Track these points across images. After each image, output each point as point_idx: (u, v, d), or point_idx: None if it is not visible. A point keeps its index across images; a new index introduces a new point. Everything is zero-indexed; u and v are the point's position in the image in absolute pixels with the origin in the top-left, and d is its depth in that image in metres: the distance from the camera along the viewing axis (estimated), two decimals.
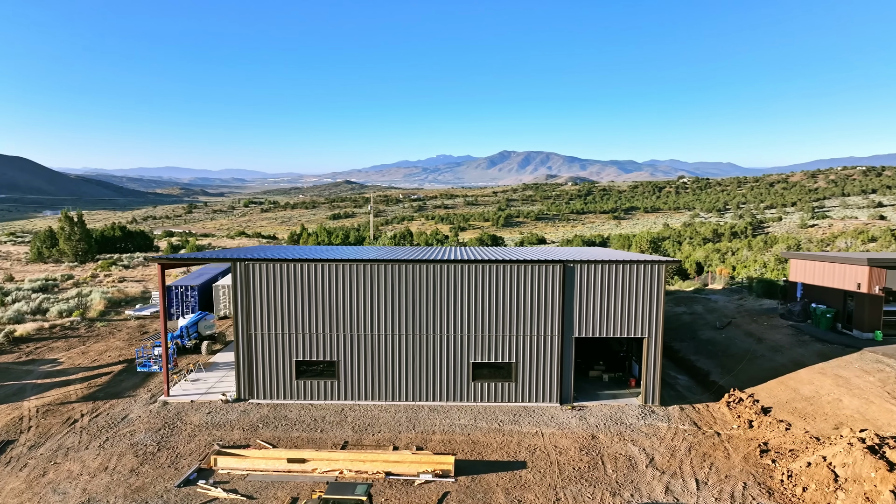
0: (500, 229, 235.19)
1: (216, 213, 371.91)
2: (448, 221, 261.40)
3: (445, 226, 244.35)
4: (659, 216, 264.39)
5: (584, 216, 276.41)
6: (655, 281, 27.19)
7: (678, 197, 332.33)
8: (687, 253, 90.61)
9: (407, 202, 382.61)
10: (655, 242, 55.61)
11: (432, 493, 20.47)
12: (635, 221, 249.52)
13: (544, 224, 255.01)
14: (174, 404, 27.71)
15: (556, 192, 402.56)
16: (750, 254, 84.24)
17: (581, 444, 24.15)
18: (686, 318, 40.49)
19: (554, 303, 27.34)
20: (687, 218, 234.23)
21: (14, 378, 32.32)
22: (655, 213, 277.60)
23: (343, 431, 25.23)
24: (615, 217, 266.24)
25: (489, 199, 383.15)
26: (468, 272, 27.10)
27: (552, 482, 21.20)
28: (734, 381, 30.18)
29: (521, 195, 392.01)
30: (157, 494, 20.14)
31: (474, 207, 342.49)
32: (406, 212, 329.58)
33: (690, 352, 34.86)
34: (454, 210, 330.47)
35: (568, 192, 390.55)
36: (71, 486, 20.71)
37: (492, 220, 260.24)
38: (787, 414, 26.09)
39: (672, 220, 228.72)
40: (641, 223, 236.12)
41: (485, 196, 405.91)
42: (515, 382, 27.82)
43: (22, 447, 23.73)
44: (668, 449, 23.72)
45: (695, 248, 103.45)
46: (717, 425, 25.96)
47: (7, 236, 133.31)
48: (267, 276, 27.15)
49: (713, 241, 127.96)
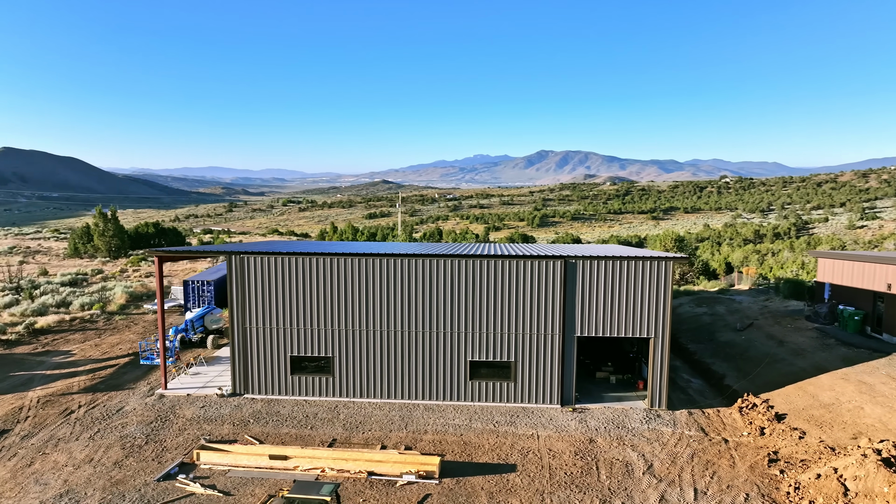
0: (535, 229, 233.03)
1: (255, 212, 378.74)
2: (483, 221, 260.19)
3: (480, 225, 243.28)
4: (699, 216, 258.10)
5: (621, 216, 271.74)
6: (662, 278, 25.88)
7: (720, 197, 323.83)
8: (725, 254, 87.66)
9: (442, 202, 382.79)
10: (680, 241, 53.59)
11: (413, 494, 19.73)
12: (674, 222, 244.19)
13: (580, 224, 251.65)
14: (170, 397, 27.65)
15: (593, 191, 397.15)
16: (791, 255, 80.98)
17: (577, 447, 23.07)
18: (706, 319, 38.77)
19: (555, 300, 26.29)
20: (728, 219, 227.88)
21: (26, 368, 32.86)
22: (696, 214, 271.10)
23: (333, 429, 24.70)
24: (654, 217, 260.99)
25: (525, 199, 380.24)
26: (466, 267, 26.27)
27: (540, 487, 20.22)
28: (750, 385, 28.58)
29: (557, 195, 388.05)
30: (135, 488, 19.92)
31: (510, 207, 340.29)
32: (441, 211, 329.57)
33: (707, 354, 33.26)
34: (489, 210, 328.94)
35: (606, 192, 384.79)
36: (54, 477, 20.68)
37: (527, 220, 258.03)
38: (803, 421, 24.48)
39: (713, 221, 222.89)
40: (681, 223, 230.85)
41: (521, 196, 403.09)
42: (514, 382, 26.86)
43: (16, 437, 23.91)
44: (668, 455, 22.46)
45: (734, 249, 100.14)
46: (725, 432, 24.53)
47: (52, 232, 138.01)
48: (261, 270, 26.84)
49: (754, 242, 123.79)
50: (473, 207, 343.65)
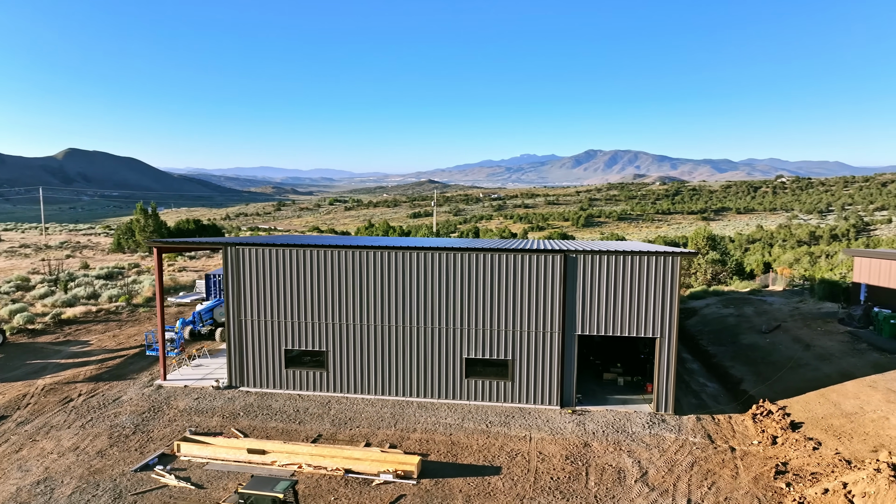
0: (580, 229, 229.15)
1: (303, 211, 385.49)
2: (526, 221, 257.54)
3: (522, 225, 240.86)
4: (752, 217, 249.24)
5: (670, 216, 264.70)
6: (669, 275, 24.39)
7: (775, 198, 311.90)
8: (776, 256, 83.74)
9: (487, 201, 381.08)
10: (713, 240, 51.08)
11: (387, 494, 18.99)
12: (726, 223, 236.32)
13: (627, 224, 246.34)
14: (168, 388, 27.71)
15: (641, 191, 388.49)
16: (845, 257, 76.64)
17: (569, 451, 21.88)
18: (731, 320, 36.69)
19: (554, 296, 25.12)
20: (784, 220, 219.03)
21: (42, 357, 33.64)
22: (749, 215, 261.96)
23: (321, 424, 24.20)
24: (704, 218, 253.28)
25: (571, 199, 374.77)
26: (461, 261, 25.38)
27: (521, 492, 19.18)
28: (768, 391, 26.71)
29: (604, 195, 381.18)
30: (111, 478, 19.83)
31: (555, 207, 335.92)
32: (485, 211, 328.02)
33: (727, 357, 31.38)
34: (534, 210, 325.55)
35: (654, 192, 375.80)
36: (36, 463, 20.81)
37: (571, 220, 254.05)
38: (820, 431, 22.62)
39: (766, 222, 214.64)
40: (732, 224, 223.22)
41: (567, 195, 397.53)
42: (512, 381, 25.80)
43: (12, 423, 24.28)
44: (666, 463, 21.04)
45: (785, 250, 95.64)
46: (734, 440, 22.89)
47: (103, 228, 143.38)
48: (256, 262, 26.58)
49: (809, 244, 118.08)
50: (518, 207, 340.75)
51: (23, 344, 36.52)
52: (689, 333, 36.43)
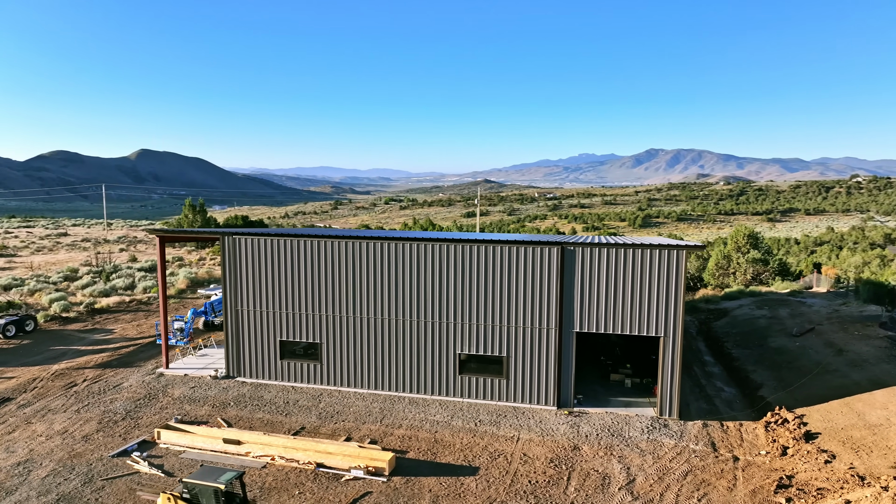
0: (636, 229, 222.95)
1: (359, 210, 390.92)
2: (581, 221, 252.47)
3: (577, 225, 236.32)
4: (822, 219, 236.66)
5: (732, 217, 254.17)
6: (673, 270, 22.78)
7: (849, 198, 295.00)
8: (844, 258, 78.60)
9: (542, 201, 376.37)
10: (755, 238, 47.89)
11: (352, 491, 18.36)
12: (793, 224, 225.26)
13: (686, 225, 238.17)
14: (168, 377, 27.97)
15: (704, 191, 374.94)
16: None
17: (556, 454, 20.68)
18: (762, 322, 34.28)
19: (551, 291, 23.89)
20: (857, 221, 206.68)
21: (65, 343, 34.72)
22: (819, 216, 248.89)
23: (307, 417, 23.80)
24: (769, 219, 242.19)
25: (629, 199, 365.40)
26: (454, 252, 24.48)
27: (493, 495, 18.16)
28: (788, 398, 24.64)
29: (664, 195, 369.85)
30: (88, 462, 19.98)
31: (612, 207, 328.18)
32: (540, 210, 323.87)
33: (750, 361, 29.25)
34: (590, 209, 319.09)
35: (718, 192, 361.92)
36: (23, 445, 21.22)
37: (628, 220, 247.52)
38: (837, 443, 20.59)
39: (838, 224, 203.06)
40: (800, 226, 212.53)
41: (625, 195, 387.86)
42: (507, 379, 24.72)
43: (15, 405, 24.97)
44: (658, 471, 19.56)
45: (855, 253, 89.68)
46: (740, 449, 21.12)
47: (161, 224, 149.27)
48: (252, 252, 26.46)
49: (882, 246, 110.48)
50: (574, 207, 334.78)
51: (53, 331, 37.84)
52: (714, 335, 34.29)
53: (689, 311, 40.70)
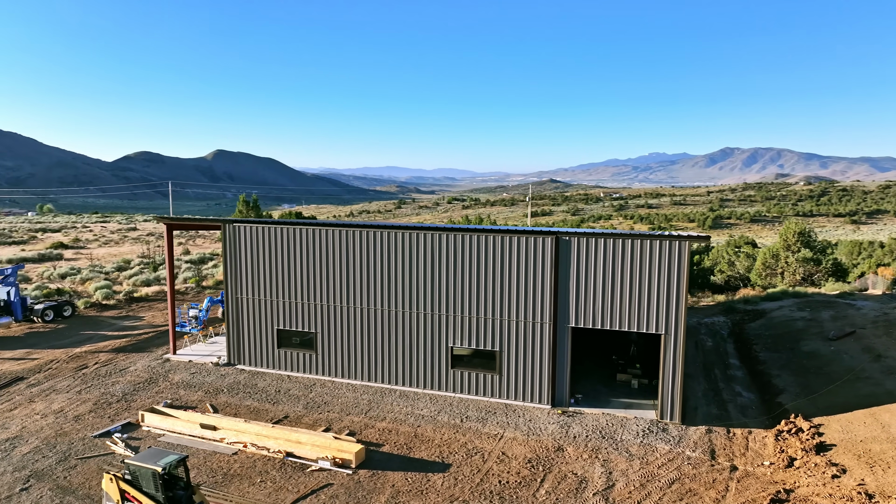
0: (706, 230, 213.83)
1: (421, 209, 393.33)
2: (647, 221, 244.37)
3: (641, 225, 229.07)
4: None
5: (812, 219, 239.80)
6: (675, 263, 21.14)
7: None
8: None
9: (607, 201, 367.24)
10: (806, 235, 44.18)
11: (314, 482, 17.89)
12: (880, 227, 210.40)
13: (760, 227, 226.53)
14: (173, 363, 28.43)
15: (782, 191, 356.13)
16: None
17: (537, 454, 19.54)
18: (799, 324, 31.59)
19: (545, 283, 22.68)
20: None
21: (95, 328, 36.01)
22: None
23: (294, 406, 23.55)
24: (853, 221, 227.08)
25: (700, 199, 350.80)
26: (446, 242, 23.64)
27: (456, 493, 17.27)
28: (809, 405, 22.46)
29: (738, 195, 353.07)
30: (71, 441, 20.40)
31: (681, 207, 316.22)
32: (605, 211, 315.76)
33: (777, 365, 26.94)
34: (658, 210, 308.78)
35: (797, 193, 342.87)
36: (18, 422, 21.92)
37: (697, 221, 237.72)
38: (852, 456, 18.50)
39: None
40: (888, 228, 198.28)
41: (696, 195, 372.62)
42: (500, 375, 23.67)
43: (25, 384, 25.93)
44: (642, 477, 18.12)
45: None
46: (742, 458, 19.34)
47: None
48: (251, 240, 26.48)
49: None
50: (640, 207, 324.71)
51: (90, 316, 39.37)
52: (746, 337, 31.88)
53: (725, 312, 38.18)
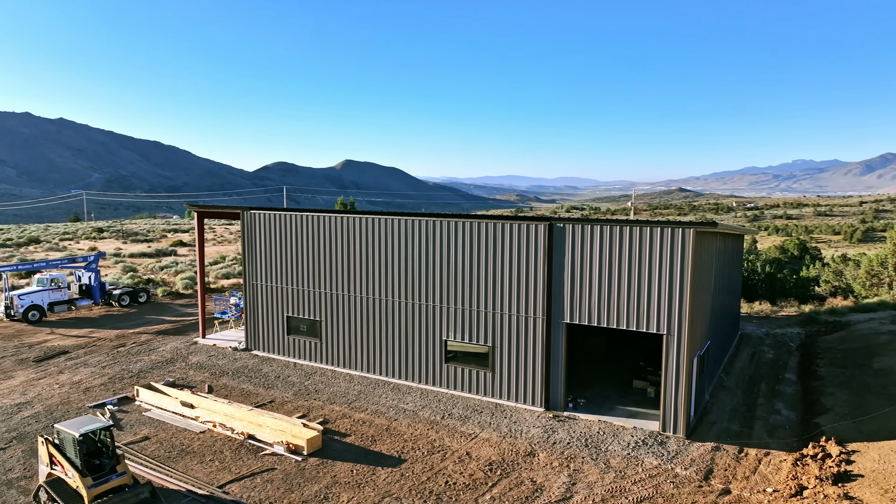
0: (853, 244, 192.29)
1: None
2: (784, 233, 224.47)
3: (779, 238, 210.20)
4: None
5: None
6: (678, 253, 18.57)
7: None
8: None
9: (740, 211, 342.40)
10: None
11: (258, 464, 17.49)
12: None
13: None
14: (199, 346, 29.44)
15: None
16: None
17: (502, 458, 17.86)
18: (883, 339, 26.77)
19: (537, 275, 20.84)
20: None
21: (159, 314, 38.40)
22: None
23: (284, 392, 23.38)
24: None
25: (850, 210, 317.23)
26: (439, 229, 22.47)
27: (393, 490, 16.09)
28: (851, 429, 18.78)
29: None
30: (69, 409, 21.49)
31: (825, 219, 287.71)
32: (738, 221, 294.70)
33: (835, 382, 22.94)
34: (798, 221, 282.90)
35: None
36: (37, 389, 23.55)
37: (844, 234, 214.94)
38: (877, 491, 15.11)
39: None
40: None
41: (845, 206, 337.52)
42: (493, 373, 22.06)
43: (65, 358, 27.93)
44: (609, 491, 15.92)
45: None
46: (741, 482, 16.46)
47: None
48: (266, 227, 26.82)
49: None
50: (778, 218, 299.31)
51: (161, 303, 42.15)
52: (814, 350, 27.61)
53: (803, 323, 33.47)
